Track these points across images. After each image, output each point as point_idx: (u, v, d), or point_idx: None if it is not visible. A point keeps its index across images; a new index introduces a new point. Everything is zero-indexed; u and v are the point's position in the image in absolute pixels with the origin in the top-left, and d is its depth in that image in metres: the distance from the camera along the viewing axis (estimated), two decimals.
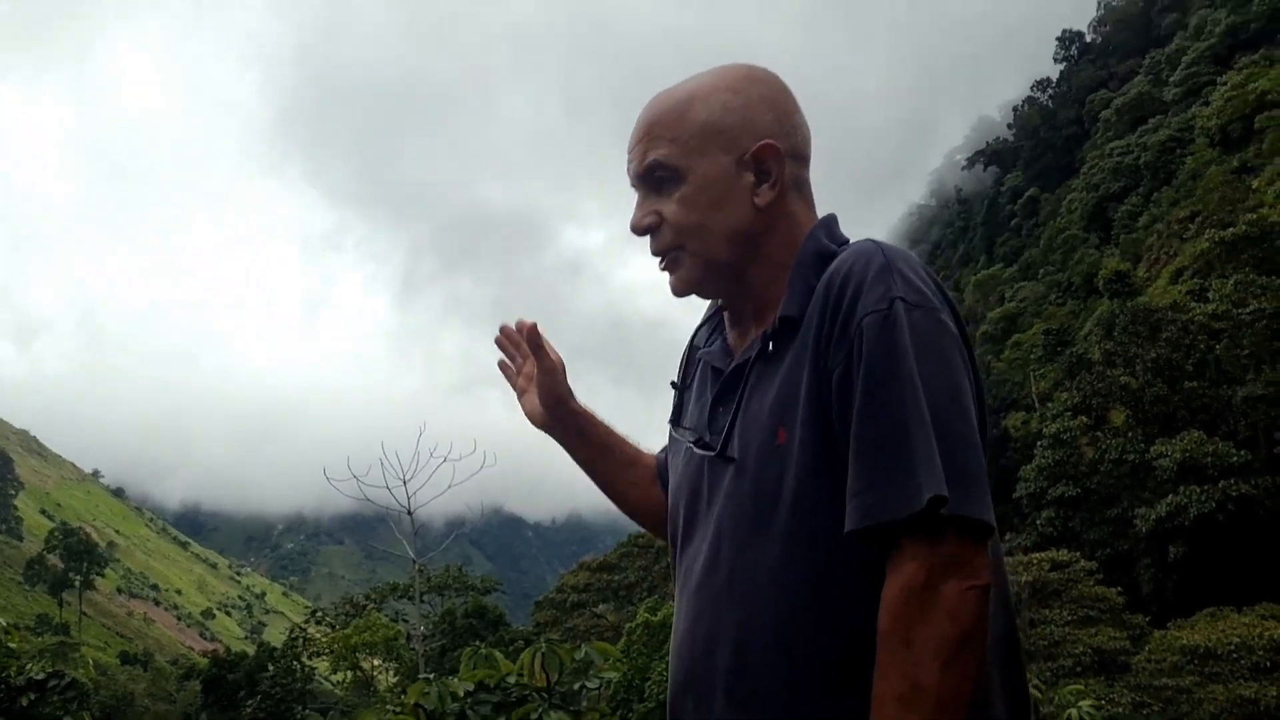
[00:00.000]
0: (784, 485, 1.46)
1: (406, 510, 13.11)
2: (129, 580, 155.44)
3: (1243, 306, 33.83)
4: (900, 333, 1.38)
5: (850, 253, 1.48)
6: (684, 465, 1.66)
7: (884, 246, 1.47)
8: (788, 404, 1.48)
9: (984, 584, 1.33)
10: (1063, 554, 29.68)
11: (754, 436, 1.50)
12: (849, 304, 1.42)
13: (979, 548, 1.35)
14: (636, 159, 1.60)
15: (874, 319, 1.39)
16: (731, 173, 1.56)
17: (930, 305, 1.42)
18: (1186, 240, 50.52)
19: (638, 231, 1.61)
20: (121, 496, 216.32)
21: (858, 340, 1.40)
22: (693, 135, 1.56)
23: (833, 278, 1.47)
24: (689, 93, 1.59)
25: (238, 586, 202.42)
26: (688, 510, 1.63)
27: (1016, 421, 44.86)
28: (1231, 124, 56.58)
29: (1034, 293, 69.36)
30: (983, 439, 1.44)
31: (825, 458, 1.43)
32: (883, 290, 1.41)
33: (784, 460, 1.46)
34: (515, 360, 1.96)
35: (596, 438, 1.92)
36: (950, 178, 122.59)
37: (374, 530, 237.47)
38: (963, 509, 1.33)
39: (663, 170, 1.57)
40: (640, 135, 1.60)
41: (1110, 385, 36.38)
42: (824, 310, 1.46)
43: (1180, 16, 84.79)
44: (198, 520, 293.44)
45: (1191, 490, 30.27)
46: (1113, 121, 78.89)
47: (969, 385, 1.42)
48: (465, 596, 49.62)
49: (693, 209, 1.56)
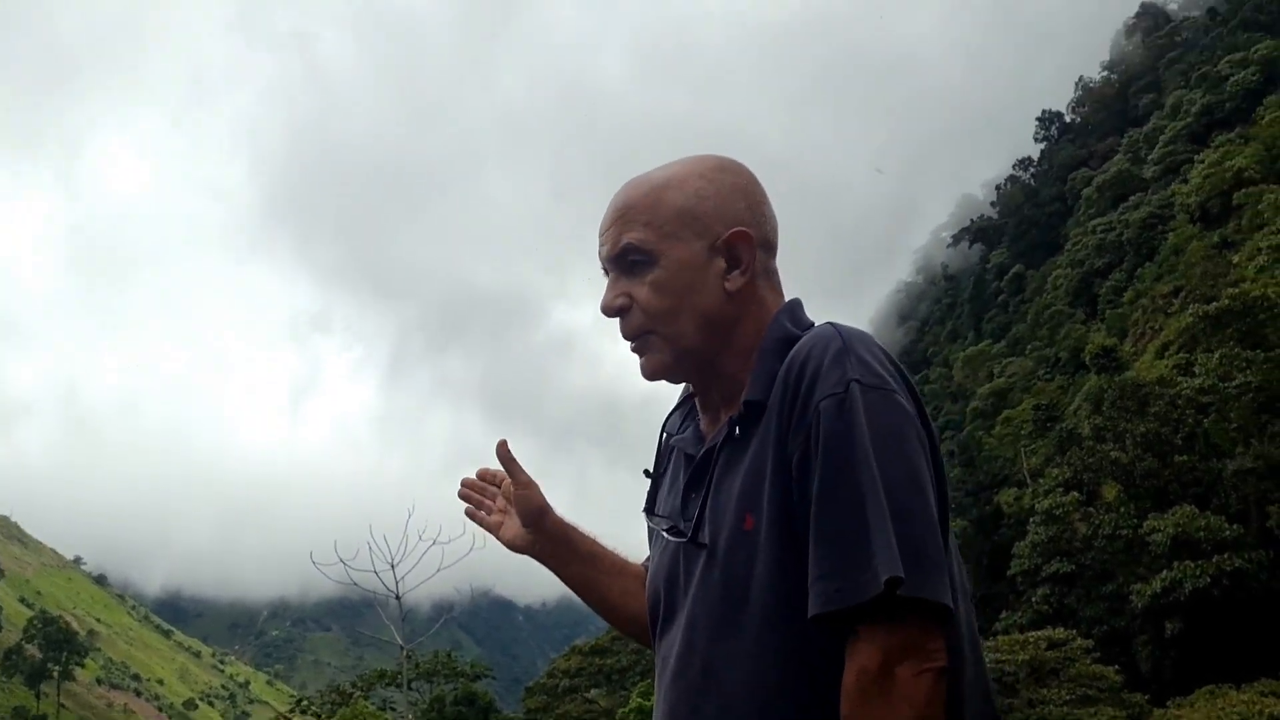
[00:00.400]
0: (754, 572, 1.46)
1: (394, 595, 12.91)
2: (109, 670, 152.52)
3: (1229, 380, 34.01)
4: (856, 416, 1.39)
5: (809, 337, 1.50)
6: (659, 554, 1.68)
7: (841, 329, 1.49)
8: (754, 490, 1.48)
9: (939, 666, 1.34)
10: (1059, 632, 29.39)
11: (723, 523, 1.51)
12: (807, 388, 1.44)
13: (934, 630, 1.36)
14: (609, 241, 1.61)
15: (830, 402, 1.41)
16: (704, 258, 1.57)
17: (886, 387, 1.43)
18: (1171, 315, 51.00)
19: (608, 313, 1.61)
20: (103, 584, 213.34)
21: (815, 424, 1.41)
22: (666, 220, 1.57)
23: (792, 362, 1.48)
24: (663, 179, 1.61)
25: (221, 675, 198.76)
26: (666, 598, 1.63)
27: (1009, 497, 44.75)
28: (1210, 200, 57.51)
29: (1023, 368, 69.74)
30: (943, 519, 1.44)
31: (792, 543, 1.43)
32: (839, 374, 1.42)
33: (753, 546, 1.47)
34: (484, 503, 1.93)
35: (584, 547, 1.89)
36: (936, 255, 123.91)
37: (361, 616, 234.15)
38: (920, 591, 1.33)
39: (636, 253, 1.58)
40: (614, 218, 1.61)
41: (1101, 460, 36.38)
42: (784, 395, 1.47)
43: (1156, 97, 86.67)
44: (179, 606, 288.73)
45: (1186, 565, 30.10)
46: (1094, 199, 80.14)
47: (926, 467, 1.42)
48: (455, 683, 48.79)
49: (665, 293, 1.57)
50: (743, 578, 1.47)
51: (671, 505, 1.66)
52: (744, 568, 1.47)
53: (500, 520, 1.88)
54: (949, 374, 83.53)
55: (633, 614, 1.86)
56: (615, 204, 1.62)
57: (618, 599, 1.88)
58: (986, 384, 71.85)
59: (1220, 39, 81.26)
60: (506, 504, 1.89)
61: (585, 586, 1.89)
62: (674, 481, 1.69)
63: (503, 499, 1.89)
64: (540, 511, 1.83)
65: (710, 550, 1.52)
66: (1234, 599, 29.56)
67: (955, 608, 1.39)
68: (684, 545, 1.58)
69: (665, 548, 1.65)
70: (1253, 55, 69.78)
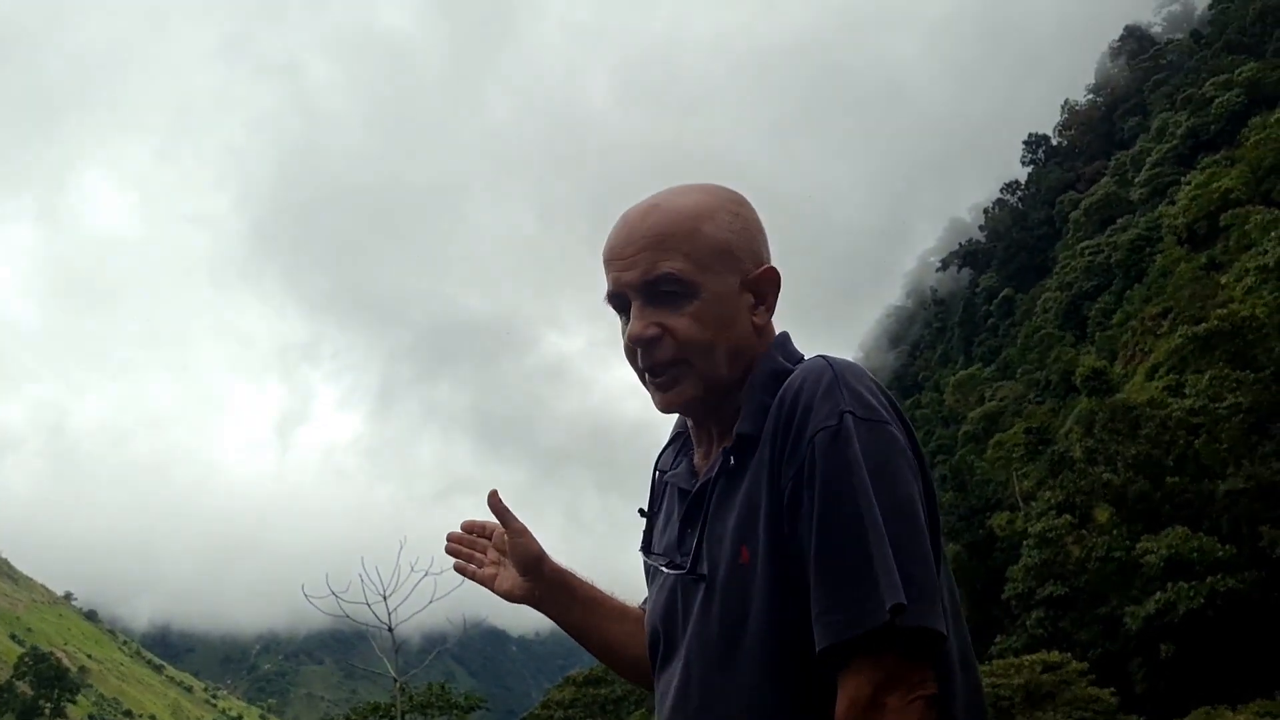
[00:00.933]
0: (750, 605, 1.47)
1: (387, 627, 12.85)
2: (101, 706, 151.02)
3: (1219, 401, 34.12)
4: (851, 447, 1.41)
5: (801, 370, 1.52)
6: (658, 590, 1.69)
7: (832, 361, 1.51)
8: (749, 523, 1.50)
9: (929, 694, 1.36)
10: (1054, 655, 29.29)
11: (720, 557, 1.52)
12: (799, 420, 1.45)
13: (924, 658, 1.38)
14: (641, 266, 1.56)
15: (825, 435, 1.42)
16: (736, 293, 1.59)
17: (879, 418, 1.45)
18: (1160, 336, 51.15)
19: (639, 342, 1.57)
20: (94, 619, 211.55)
21: (809, 456, 1.43)
22: (706, 253, 1.57)
23: (784, 395, 1.49)
24: (694, 209, 1.59)
25: (213, 711, 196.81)
26: (665, 634, 1.64)
27: (1001, 521, 44.67)
28: (1198, 222, 57.82)
29: (1013, 391, 69.81)
30: (936, 545, 1.47)
31: (787, 577, 1.45)
32: (831, 405, 1.44)
33: (749, 579, 1.48)
34: (474, 556, 1.92)
35: (583, 593, 1.87)
36: (925, 279, 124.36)
37: (354, 648, 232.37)
38: (920, 620, 1.35)
39: (674, 284, 1.55)
40: (646, 244, 1.57)
41: (1093, 483, 36.41)
42: (776, 427, 1.48)
43: (1142, 120, 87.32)
44: (168, 641, 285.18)
45: (1179, 587, 30.08)
46: (1082, 221, 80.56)
47: (919, 496, 1.44)
48: (449, 715, 48.36)
49: (705, 326, 1.56)
50: (739, 611, 1.48)
51: (667, 541, 1.67)
52: (740, 601, 1.48)
53: (493, 572, 1.86)
54: (940, 398, 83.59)
55: (635, 658, 1.83)
56: (644, 229, 1.58)
57: (621, 643, 1.87)
58: (977, 408, 71.85)
59: (1205, 61, 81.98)
60: (499, 555, 1.87)
61: (587, 633, 1.88)
62: (669, 518, 1.70)
63: (494, 550, 1.88)
64: (537, 558, 1.81)
65: (708, 583, 1.53)
66: (1228, 620, 29.52)
67: (947, 633, 1.41)
68: (682, 579, 1.59)
69: (663, 584, 1.66)
70: (1237, 77, 70.41)
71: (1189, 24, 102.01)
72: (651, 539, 1.74)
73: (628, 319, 1.61)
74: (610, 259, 1.60)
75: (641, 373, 1.62)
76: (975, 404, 73.27)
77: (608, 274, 1.61)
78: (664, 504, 1.74)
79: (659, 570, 1.68)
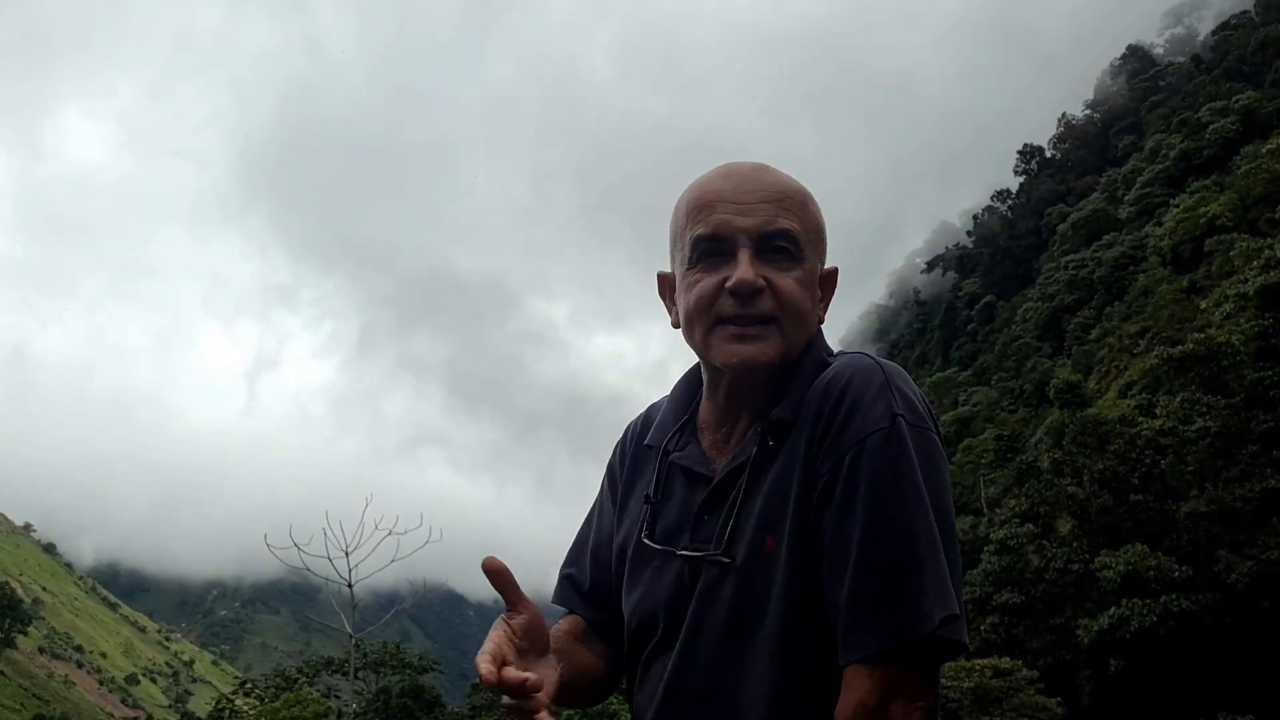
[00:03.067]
0: (771, 595, 1.45)
1: (347, 583, 12.84)
2: (52, 639, 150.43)
3: (1189, 424, 34.40)
4: (906, 451, 1.40)
5: (846, 363, 1.50)
6: (654, 575, 1.61)
7: (881, 362, 1.50)
8: (777, 512, 1.47)
9: (930, 703, 1.37)
10: (1005, 661, 29.57)
11: (743, 543, 1.49)
12: (845, 416, 1.44)
13: (934, 668, 1.39)
14: (762, 215, 1.53)
15: (879, 436, 1.41)
16: (816, 278, 1.60)
17: (927, 425, 1.45)
18: (1136, 355, 51.49)
19: (749, 289, 1.51)
20: (53, 552, 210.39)
21: (857, 455, 1.41)
22: (811, 230, 1.58)
23: (830, 387, 1.47)
24: (802, 188, 1.59)
25: (166, 652, 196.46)
26: (667, 619, 1.58)
27: (965, 525, 44.98)
28: (1182, 245, 58.14)
29: (987, 398, 70.23)
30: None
31: (808, 569, 1.43)
32: (884, 407, 1.43)
33: (772, 569, 1.46)
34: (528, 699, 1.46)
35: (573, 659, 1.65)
36: (910, 279, 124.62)
37: (311, 601, 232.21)
38: (959, 634, 1.37)
39: (789, 242, 1.54)
40: (769, 195, 1.55)
41: (1058, 494, 36.68)
42: (817, 419, 1.46)
43: (1136, 139, 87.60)
44: (117, 580, 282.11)
45: (1134, 603, 30.38)
46: (1069, 235, 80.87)
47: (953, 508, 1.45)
48: (402, 674, 48.43)
49: (804, 293, 1.55)
50: (759, 599, 1.46)
51: (667, 525, 1.62)
52: (761, 590, 1.46)
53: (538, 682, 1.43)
54: None
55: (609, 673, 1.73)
56: (765, 181, 1.56)
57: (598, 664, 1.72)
58: (951, 411, 72.29)
59: (1203, 86, 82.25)
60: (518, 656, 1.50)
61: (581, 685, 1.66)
62: (683, 500, 1.63)
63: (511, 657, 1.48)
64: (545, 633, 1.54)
65: (727, 570, 1.50)
66: (1179, 639, 29.85)
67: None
68: (695, 565, 1.54)
69: (660, 568, 1.60)
70: (1234, 104, 70.69)
71: (1191, 48, 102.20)
72: (656, 526, 1.64)
73: (709, 265, 1.55)
74: (719, 200, 1.55)
75: (723, 322, 1.54)
76: (949, 407, 73.68)
77: (711, 214, 1.54)
78: (665, 487, 1.67)
79: (657, 554, 1.62)
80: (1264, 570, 29.37)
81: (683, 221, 1.59)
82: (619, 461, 1.80)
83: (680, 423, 1.70)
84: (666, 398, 1.78)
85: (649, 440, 1.73)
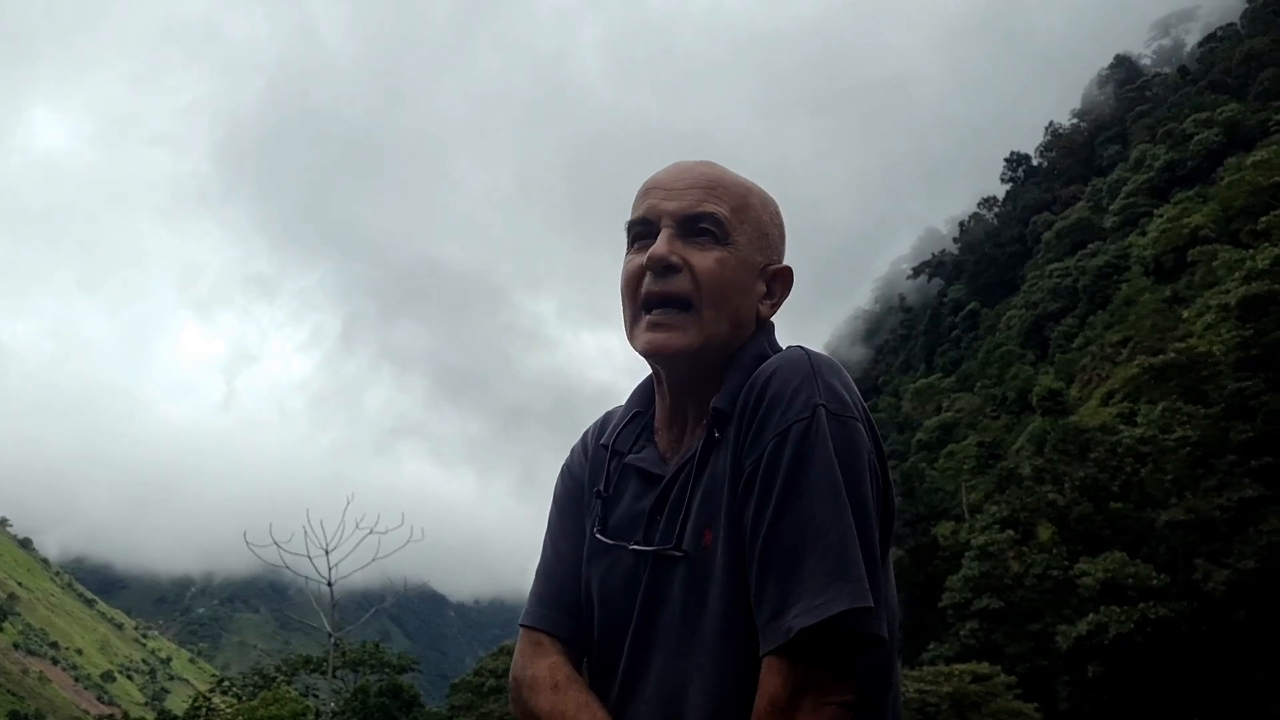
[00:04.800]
0: (709, 589, 1.46)
1: (327, 581, 12.78)
2: (28, 636, 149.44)
3: (1169, 433, 34.61)
4: (824, 441, 1.40)
5: (778, 357, 1.51)
6: (605, 572, 1.62)
7: (810, 354, 1.50)
8: (713, 505, 1.48)
9: (845, 699, 1.35)
10: (984, 666, 29.68)
11: (687, 539, 1.50)
12: (767, 407, 1.44)
13: (847, 664, 1.37)
14: (689, 200, 1.57)
15: (799, 426, 1.41)
16: (756, 271, 1.60)
17: (850, 415, 1.45)
18: (1118, 364, 51.80)
19: (660, 264, 1.54)
20: (29, 547, 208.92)
21: (778, 446, 1.41)
22: (747, 221, 1.60)
23: (756, 379, 1.49)
24: (744, 185, 1.63)
25: (143, 650, 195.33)
26: (616, 617, 1.58)
27: (946, 530, 45.17)
28: (1165, 255, 58.52)
29: (970, 404, 70.46)
30: (885, 546, 1.47)
31: (741, 562, 1.43)
32: (806, 397, 1.43)
33: (710, 562, 1.47)
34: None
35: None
36: (896, 285, 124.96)
37: (290, 599, 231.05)
38: (874, 627, 1.36)
39: (713, 225, 1.56)
40: (698, 182, 1.59)
41: (1039, 501, 36.84)
42: (744, 410, 1.48)
43: (1121, 149, 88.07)
44: (80, 575, 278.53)
45: (1112, 610, 30.52)
46: (1053, 243, 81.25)
47: (875, 499, 1.43)
48: (381, 674, 48.27)
49: (724, 273, 1.55)
50: (701, 594, 1.47)
51: (619, 522, 1.62)
52: (702, 584, 1.47)
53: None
54: (898, 404, 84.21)
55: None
56: (698, 172, 1.61)
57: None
58: (934, 417, 72.54)
59: (1188, 98, 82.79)
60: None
61: None
62: (633, 500, 1.63)
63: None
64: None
65: (674, 564, 1.51)
66: (1156, 647, 30.01)
67: (891, 636, 1.41)
68: (646, 561, 1.54)
69: (614, 565, 1.60)
70: (1218, 116, 71.20)
71: (1178, 59, 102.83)
72: (608, 521, 1.65)
73: (639, 248, 1.60)
74: (652, 188, 1.61)
75: (640, 307, 1.58)
76: (932, 413, 73.95)
77: (643, 202, 1.61)
78: (617, 485, 1.67)
79: (609, 551, 1.62)
80: (1241, 579, 29.55)
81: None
82: (581, 462, 1.78)
83: (630, 419, 1.71)
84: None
85: (605, 439, 1.73)
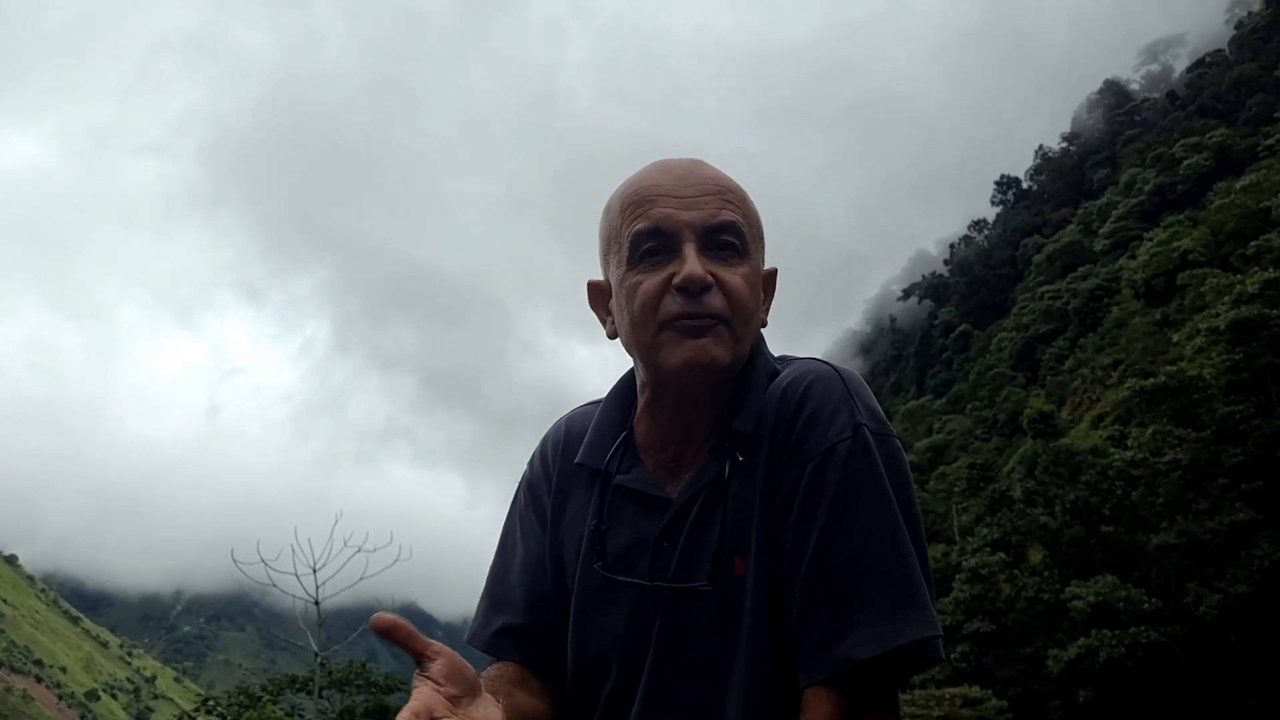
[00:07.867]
0: (742, 619, 1.36)
1: (314, 600, 12.63)
2: (11, 653, 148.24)
3: (1160, 456, 34.62)
4: (874, 461, 1.33)
5: (802, 370, 1.42)
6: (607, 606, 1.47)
7: (839, 369, 1.42)
8: (742, 531, 1.38)
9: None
10: (975, 691, 29.60)
11: (718, 568, 1.39)
12: (804, 425, 1.36)
13: (895, 693, 1.34)
14: (708, 210, 1.41)
15: (844, 446, 1.33)
16: (760, 277, 1.48)
17: (890, 433, 1.38)
18: (1109, 387, 51.86)
19: (697, 284, 1.37)
20: (14, 564, 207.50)
21: (820, 466, 1.33)
22: (754, 226, 1.48)
23: (787, 396, 1.39)
24: (739, 185, 1.49)
25: (127, 668, 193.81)
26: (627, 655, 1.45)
27: (937, 553, 45.05)
28: (1156, 278, 58.74)
29: (961, 426, 70.53)
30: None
31: (777, 588, 1.35)
32: (848, 415, 1.35)
33: (741, 593, 1.37)
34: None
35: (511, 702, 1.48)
36: (886, 307, 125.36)
37: (277, 617, 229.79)
38: (938, 652, 1.31)
39: (735, 236, 1.42)
40: (708, 188, 1.43)
41: (1030, 524, 36.81)
42: (776, 429, 1.38)
43: (1111, 172, 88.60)
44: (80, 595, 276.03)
45: (1103, 634, 30.47)
46: (1044, 266, 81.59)
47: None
48: (368, 694, 47.91)
49: (750, 291, 1.43)
50: (731, 625, 1.37)
51: (618, 553, 1.47)
52: (733, 615, 1.36)
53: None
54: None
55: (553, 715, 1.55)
56: (704, 174, 1.45)
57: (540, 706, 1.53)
58: (925, 438, 72.56)
59: (1177, 122, 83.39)
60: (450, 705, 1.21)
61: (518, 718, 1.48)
62: (628, 528, 1.48)
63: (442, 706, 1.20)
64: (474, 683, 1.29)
65: (702, 598, 1.39)
66: (1147, 671, 29.94)
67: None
68: (656, 596, 1.42)
69: (616, 599, 1.46)
70: (1207, 141, 71.73)
71: (1167, 84, 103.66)
72: (606, 552, 1.48)
73: (651, 264, 1.41)
74: (659, 194, 1.42)
75: (670, 321, 1.39)
76: (923, 434, 74.00)
77: (650, 209, 1.41)
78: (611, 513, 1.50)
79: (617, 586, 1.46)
80: (1232, 604, 29.52)
81: (618, 220, 1.44)
82: (543, 479, 1.61)
83: (612, 444, 1.53)
84: (586, 409, 1.63)
85: (582, 458, 1.55)
